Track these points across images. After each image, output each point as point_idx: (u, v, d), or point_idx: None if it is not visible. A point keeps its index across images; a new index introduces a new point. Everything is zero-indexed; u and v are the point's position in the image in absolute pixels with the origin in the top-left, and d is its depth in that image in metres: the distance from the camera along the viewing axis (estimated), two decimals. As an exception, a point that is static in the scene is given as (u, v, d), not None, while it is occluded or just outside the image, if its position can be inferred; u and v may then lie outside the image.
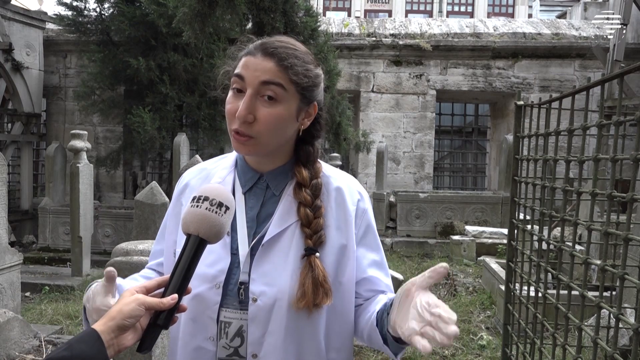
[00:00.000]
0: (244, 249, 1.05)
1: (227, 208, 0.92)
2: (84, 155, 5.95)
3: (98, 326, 0.82)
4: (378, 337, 1.02)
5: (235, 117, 1.00)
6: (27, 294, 5.22)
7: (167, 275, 0.92)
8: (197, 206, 0.91)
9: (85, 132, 6.14)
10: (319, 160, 1.14)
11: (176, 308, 0.89)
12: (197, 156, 3.98)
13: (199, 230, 0.90)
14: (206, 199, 0.91)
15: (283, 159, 1.11)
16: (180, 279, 0.89)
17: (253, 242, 1.06)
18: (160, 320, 0.87)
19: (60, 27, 8.56)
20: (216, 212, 0.91)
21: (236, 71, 1.03)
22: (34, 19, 8.71)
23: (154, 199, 3.91)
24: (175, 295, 0.87)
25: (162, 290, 0.90)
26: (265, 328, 1.01)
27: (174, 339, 1.11)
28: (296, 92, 1.02)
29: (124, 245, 2.80)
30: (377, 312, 1.04)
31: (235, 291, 1.04)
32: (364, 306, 1.11)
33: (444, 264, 0.86)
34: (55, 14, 8.28)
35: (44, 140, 9.74)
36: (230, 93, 1.04)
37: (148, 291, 0.90)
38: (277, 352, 1.01)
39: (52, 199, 7.45)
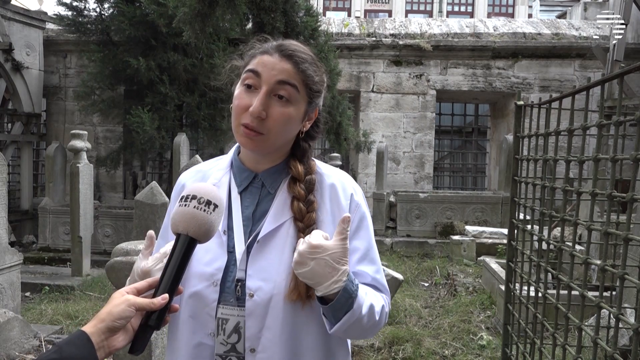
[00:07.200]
0: (240, 247, 1.07)
1: (216, 206, 0.91)
2: (84, 155, 5.95)
3: (88, 328, 0.82)
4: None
5: (246, 112, 1.02)
6: (27, 294, 5.22)
7: (157, 276, 0.92)
8: (185, 205, 0.90)
9: (85, 132, 6.14)
10: (313, 158, 1.17)
11: (167, 308, 0.88)
12: (197, 156, 3.98)
13: (188, 229, 0.89)
14: (194, 197, 0.91)
15: (279, 158, 1.12)
16: (170, 279, 0.88)
17: (249, 240, 1.07)
18: (151, 321, 0.86)
19: (60, 27, 8.56)
20: (205, 210, 0.90)
21: (251, 67, 1.05)
22: (34, 19, 8.71)
23: (154, 199, 3.91)
24: (166, 295, 0.86)
25: (153, 291, 0.89)
26: (262, 323, 1.02)
27: (173, 337, 1.11)
28: (306, 95, 1.07)
29: (124, 245, 2.80)
30: None
31: (232, 288, 1.05)
32: None
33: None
34: (55, 14, 8.28)
35: (44, 140, 9.74)
36: (241, 89, 1.06)
37: (139, 292, 0.89)
38: (274, 346, 1.02)
39: (52, 199, 7.45)
